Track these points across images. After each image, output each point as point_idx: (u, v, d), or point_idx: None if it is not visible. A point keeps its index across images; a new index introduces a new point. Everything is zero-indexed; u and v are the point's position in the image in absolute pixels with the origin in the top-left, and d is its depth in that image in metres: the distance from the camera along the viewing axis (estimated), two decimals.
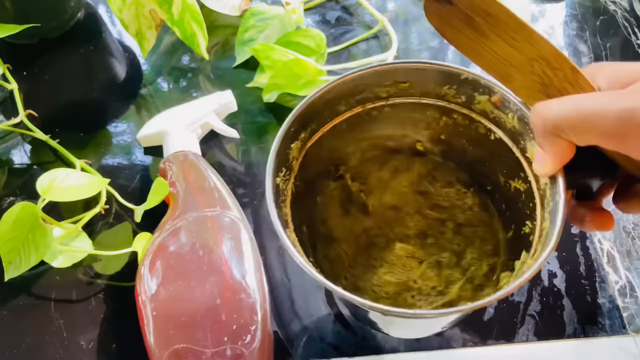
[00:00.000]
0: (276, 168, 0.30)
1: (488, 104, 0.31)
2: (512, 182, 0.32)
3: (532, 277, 0.25)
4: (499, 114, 0.31)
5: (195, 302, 0.34)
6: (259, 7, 0.55)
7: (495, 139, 0.32)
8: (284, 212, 0.30)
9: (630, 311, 0.42)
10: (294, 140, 0.32)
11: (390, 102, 0.34)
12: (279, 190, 0.31)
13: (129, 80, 0.55)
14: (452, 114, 0.34)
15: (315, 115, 0.33)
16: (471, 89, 0.31)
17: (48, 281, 0.42)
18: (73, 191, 0.40)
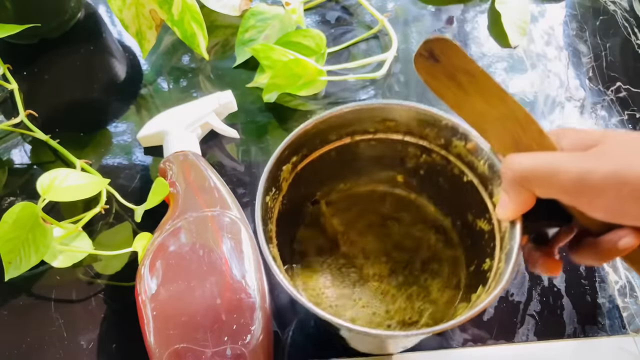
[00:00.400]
0: (267, 187, 0.33)
1: (464, 149, 0.34)
2: (478, 222, 0.35)
3: (484, 309, 0.27)
4: (472, 159, 0.34)
5: (196, 302, 0.34)
6: (259, 7, 0.55)
7: (467, 181, 0.35)
8: (269, 228, 0.33)
9: (630, 311, 0.42)
10: (286, 163, 0.35)
11: (377, 137, 0.37)
12: (267, 208, 0.33)
13: (129, 80, 0.55)
14: (431, 154, 0.37)
15: (307, 142, 0.36)
16: (450, 134, 0.35)
17: (48, 281, 0.42)
18: (73, 191, 0.40)
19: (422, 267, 0.38)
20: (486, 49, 0.59)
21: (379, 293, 0.37)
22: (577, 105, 0.55)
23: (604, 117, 0.54)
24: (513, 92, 0.55)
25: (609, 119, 0.54)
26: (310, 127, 0.34)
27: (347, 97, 0.54)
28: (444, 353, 0.39)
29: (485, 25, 0.61)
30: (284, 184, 0.35)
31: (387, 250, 0.39)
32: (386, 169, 0.40)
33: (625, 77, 0.56)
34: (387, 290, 0.37)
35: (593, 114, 0.54)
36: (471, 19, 0.61)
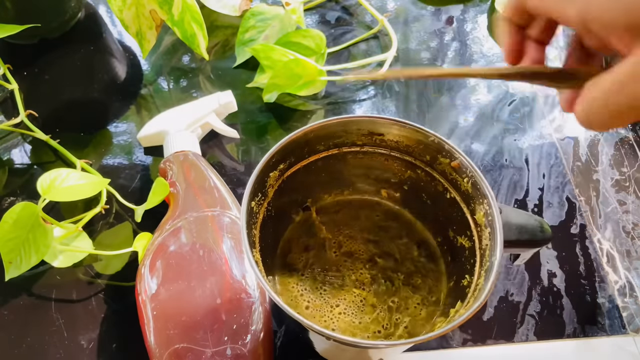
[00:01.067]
0: (254, 192, 0.33)
1: (448, 166, 0.35)
2: (459, 238, 0.36)
3: (461, 323, 0.28)
4: (456, 177, 0.35)
5: (196, 301, 0.34)
6: (259, 8, 0.55)
7: (450, 198, 0.36)
8: (253, 233, 0.33)
9: (630, 311, 0.42)
10: (273, 170, 0.35)
11: (364, 150, 0.38)
12: (252, 213, 0.33)
13: (129, 80, 0.55)
14: (416, 169, 0.38)
15: (295, 150, 0.36)
16: (435, 151, 0.35)
17: (48, 281, 0.42)
18: (73, 191, 0.40)
19: (404, 279, 0.38)
20: (486, 49, 0.59)
21: (359, 301, 0.37)
22: None
23: None
24: (513, 92, 0.55)
25: None
26: (299, 135, 0.35)
27: (347, 97, 0.54)
28: (444, 353, 0.39)
29: (485, 25, 0.61)
30: (270, 190, 0.36)
31: (371, 261, 0.39)
32: (372, 182, 0.40)
33: None
34: (367, 300, 0.37)
35: None
36: (471, 19, 0.61)
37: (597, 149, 0.51)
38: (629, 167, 0.50)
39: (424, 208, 0.39)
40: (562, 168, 0.50)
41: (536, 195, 0.48)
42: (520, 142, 0.51)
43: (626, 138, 0.52)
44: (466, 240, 0.35)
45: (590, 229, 0.46)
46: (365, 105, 0.53)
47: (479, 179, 0.32)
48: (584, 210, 0.47)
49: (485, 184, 0.32)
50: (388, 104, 0.53)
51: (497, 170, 0.49)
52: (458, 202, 0.35)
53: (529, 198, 0.48)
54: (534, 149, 0.51)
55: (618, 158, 0.51)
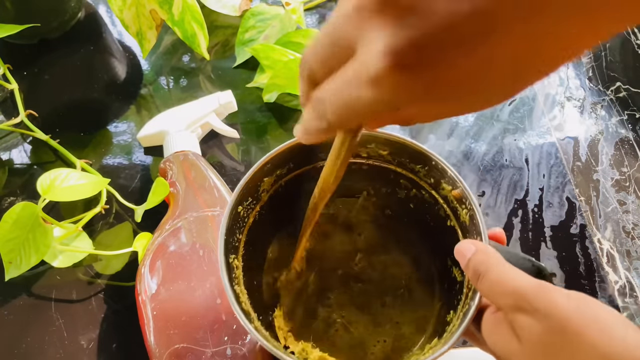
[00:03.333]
0: (241, 197, 0.32)
1: (450, 194, 0.34)
2: (454, 269, 0.34)
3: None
4: (457, 206, 0.34)
5: (196, 302, 0.34)
6: (259, 8, 0.55)
7: (450, 226, 0.34)
8: (236, 238, 0.32)
9: (630, 311, 0.42)
10: (268, 175, 0.34)
11: (369, 162, 0.36)
12: (238, 217, 0.33)
13: (130, 80, 0.55)
14: (421, 190, 0.36)
15: (295, 157, 0.35)
16: (439, 175, 0.34)
17: (48, 281, 0.42)
18: (73, 191, 0.40)
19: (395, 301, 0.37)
20: None
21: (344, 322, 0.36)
22: (577, 105, 0.55)
23: (604, 117, 0.54)
24: None
25: (609, 119, 0.54)
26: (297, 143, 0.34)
27: None
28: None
29: None
30: (264, 194, 0.35)
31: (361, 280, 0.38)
32: (376, 195, 0.39)
33: (625, 77, 0.56)
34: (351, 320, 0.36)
35: (593, 114, 0.54)
36: None
37: (597, 149, 0.51)
38: (629, 167, 0.50)
39: (427, 230, 0.37)
40: (562, 168, 0.50)
41: (536, 195, 0.48)
42: (520, 142, 0.51)
43: (626, 138, 0.52)
44: (459, 273, 0.33)
45: (590, 229, 0.46)
46: None
47: (476, 213, 0.31)
48: (584, 210, 0.47)
49: (480, 221, 0.31)
50: None
51: (497, 170, 0.49)
52: (457, 232, 0.34)
53: (529, 198, 0.48)
54: (534, 149, 0.51)
55: (618, 158, 0.51)
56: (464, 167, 0.49)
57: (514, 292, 0.24)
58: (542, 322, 0.23)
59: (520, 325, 0.24)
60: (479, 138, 0.51)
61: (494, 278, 0.25)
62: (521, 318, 0.24)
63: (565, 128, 0.53)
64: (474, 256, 0.27)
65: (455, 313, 0.32)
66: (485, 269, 0.26)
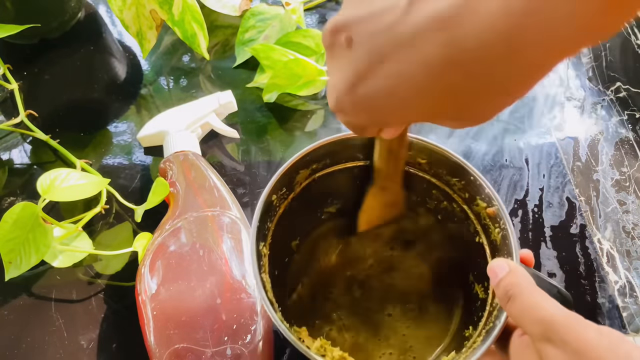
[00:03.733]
0: (277, 186, 0.32)
1: (484, 211, 0.33)
2: (476, 285, 0.34)
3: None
4: (489, 224, 0.33)
5: (196, 301, 0.34)
6: (259, 8, 0.55)
7: (479, 242, 0.34)
8: (267, 226, 0.33)
9: (630, 311, 0.42)
10: (304, 168, 0.34)
11: (407, 169, 0.36)
12: (272, 206, 0.33)
13: (130, 80, 0.55)
14: (452, 203, 0.36)
15: (332, 153, 0.35)
16: (475, 191, 0.34)
17: (48, 281, 0.42)
18: (73, 191, 0.40)
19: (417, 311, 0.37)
20: None
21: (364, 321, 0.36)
22: (577, 105, 0.55)
23: (604, 117, 0.54)
24: None
25: (609, 119, 0.54)
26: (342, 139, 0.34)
27: None
28: None
29: None
30: (297, 186, 0.35)
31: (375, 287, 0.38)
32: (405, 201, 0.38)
33: (625, 77, 0.56)
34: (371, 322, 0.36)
35: (593, 114, 0.54)
36: None
37: (597, 149, 0.51)
38: (629, 167, 0.50)
39: (453, 243, 0.37)
40: (562, 168, 0.50)
41: (536, 195, 0.48)
42: (520, 142, 0.51)
43: (626, 138, 0.52)
44: (482, 290, 0.33)
45: (590, 229, 0.46)
46: None
47: (510, 234, 0.31)
48: (584, 210, 0.47)
49: (514, 241, 0.30)
50: None
51: (497, 170, 0.49)
52: (485, 249, 0.33)
53: (529, 198, 0.48)
54: (534, 149, 0.51)
55: (618, 158, 0.51)
56: None
57: (543, 320, 0.24)
58: (572, 358, 0.22)
59: (548, 356, 0.23)
60: (479, 138, 0.51)
61: (525, 303, 0.25)
62: (550, 350, 0.23)
63: (565, 128, 0.53)
64: (507, 277, 0.27)
65: (476, 330, 0.31)
66: (516, 292, 0.25)
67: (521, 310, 0.25)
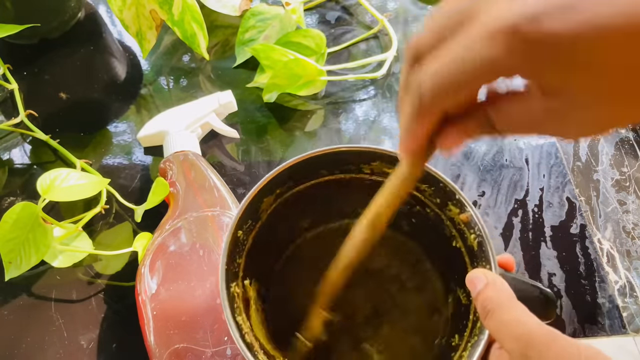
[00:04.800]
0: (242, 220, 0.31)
1: (457, 216, 0.32)
2: (459, 291, 0.33)
3: None
4: (464, 229, 0.32)
5: (196, 301, 0.34)
6: (259, 8, 0.55)
7: (456, 247, 0.33)
8: (236, 263, 0.31)
9: (630, 311, 0.42)
10: (268, 194, 0.33)
11: (372, 178, 0.35)
12: (238, 242, 0.32)
13: (129, 80, 0.55)
14: (425, 208, 0.35)
15: (295, 174, 0.34)
16: (447, 197, 0.33)
17: (48, 281, 0.42)
18: (73, 191, 0.40)
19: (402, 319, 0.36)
20: None
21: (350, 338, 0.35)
22: None
23: None
24: None
25: None
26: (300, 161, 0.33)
27: (347, 97, 0.54)
28: None
29: None
30: (263, 214, 0.34)
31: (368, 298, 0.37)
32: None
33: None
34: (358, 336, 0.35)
35: None
36: None
37: (597, 149, 0.51)
38: (629, 167, 0.50)
39: (431, 246, 0.36)
40: (562, 168, 0.50)
41: (536, 195, 0.48)
42: (520, 142, 0.51)
43: (626, 138, 0.52)
44: (464, 296, 0.32)
45: (590, 229, 0.46)
46: (366, 105, 0.53)
47: (486, 241, 0.30)
48: (584, 210, 0.47)
49: (490, 249, 0.30)
50: (388, 104, 0.53)
51: (497, 170, 0.49)
52: (463, 254, 0.32)
53: (529, 198, 0.48)
54: (534, 149, 0.51)
55: (618, 158, 0.51)
56: (464, 167, 0.49)
57: (521, 337, 0.23)
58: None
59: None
60: None
61: (503, 318, 0.24)
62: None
63: None
64: (484, 290, 0.26)
65: (462, 340, 0.30)
66: (494, 307, 0.25)
67: (499, 326, 0.24)
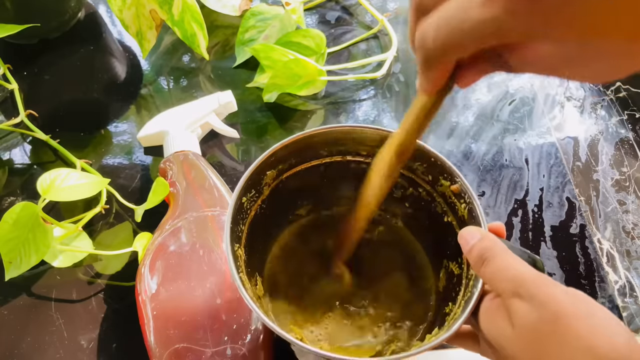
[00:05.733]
0: (246, 188, 0.33)
1: (448, 189, 0.34)
2: (451, 264, 0.35)
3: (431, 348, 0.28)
4: (455, 201, 0.34)
5: (196, 301, 0.34)
6: (259, 7, 0.55)
7: (447, 222, 0.35)
8: (240, 228, 0.33)
9: (630, 311, 0.42)
10: (271, 169, 0.35)
11: (368, 161, 0.37)
12: (243, 208, 0.33)
13: (129, 80, 0.55)
14: (418, 188, 0.37)
15: (297, 152, 0.36)
16: (438, 171, 0.35)
17: (48, 281, 0.42)
18: (73, 191, 0.40)
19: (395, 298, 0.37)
20: None
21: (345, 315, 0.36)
22: (577, 105, 0.55)
23: (604, 117, 0.54)
24: (513, 92, 0.55)
25: (609, 119, 0.54)
26: (301, 138, 0.35)
27: (347, 97, 0.54)
28: (444, 353, 0.39)
29: None
30: (266, 188, 0.36)
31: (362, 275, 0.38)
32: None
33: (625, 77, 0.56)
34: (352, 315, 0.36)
35: (593, 114, 0.54)
36: None
37: (597, 149, 0.51)
38: (629, 167, 0.50)
39: (422, 228, 0.38)
40: (562, 168, 0.50)
41: (536, 195, 0.48)
42: (520, 142, 0.51)
43: (626, 138, 0.52)
44: (457, 267, 0.34)
45: (590, 229, 0.46)
46: (366, 105, 0.53)
47: (476, 206, 0.32)
48: (584, 210, 0.47)
49: (480, 213, 0.31)
50: (388, 104, 0.53)
51: (497, 170, 0.49)
52: (454, 227, 0.34)
53: (529, 198, 0.48)
54: (534, 149, 0.51)
55: (618, 158, 0.51)
56: (464, 167, 0.49)
57: (514, 278, 0.25)
58: (537, 309, 0.24)
59: (516, 310, 0.24)
60: (479, 138, 0.51)
61: (498, 264, 0.26)
62: (518, 304, 0.24)
63: (565, 128, 0.53)
64: (480, 242, 0.28)
65: (455, 304, 0.32)
66: (490, 255, 0.27)
67: (495, 271, 0.26)
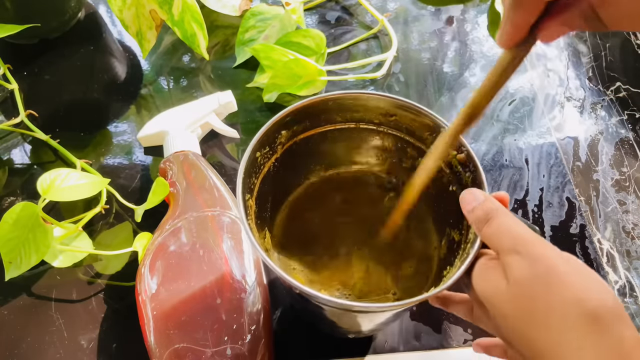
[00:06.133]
0: (261, 143, 0.34)
1: (455, 159, 0.35)
2: (452, 232, 0.36)
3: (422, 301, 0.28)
4: (460, 170, 0.35)
5: (196, 301, 0.34)
6: (259, 8, 0.55)
7: (452, 191, 0.36)
8: (252, 180, 0.34)
9: (630, 311, 0.42)
10: (286, 129, 0.36)
11: (380, 129, 0.38)
12: (256, 163, 0.34)
13: (130, 80, 0.55)
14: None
15: (312, 116, 0.37)
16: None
17: (48, 281, 0.42)
18: (73, 191, 0.40)
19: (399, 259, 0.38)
20: (486, 49, 0.59)
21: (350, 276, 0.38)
22: (577, 105, 0.55)
23: (604, 117, 0.54)
24: (513, 92, 0.55)
25: (609, 119, 0.54)
26: (319, 101, 0.35)
27: None
28: (444, 353, 0.39)
29: (485, 25, 0.61)
30: (280, 148, 0.36)
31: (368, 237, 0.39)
32: (384, 162, 0.40)
33: (625, 77, 0.57)
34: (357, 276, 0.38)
35: (593, 114, 0.54)
36: (471, 19, 0.61)
37: (597, 149, 0.51)
38: (629, 167, 0.50)
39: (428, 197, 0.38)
40: (562, 168, 0.50)
41: (536, 195, 0.48)
42: (520, 142, 0.51)
43: (626, 138, 0.52)
44: (457, 233, 0.35)
45: (590, 229, 0.46)
46: None
47: (479, 174, 0.33)
48: (584, 210, 0.47)
49: (484, 180, 0.32)
50: None
51: (497, 170, 0.49)
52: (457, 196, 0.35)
53: (529, 198, 0.48)
54: (534, 149, 0.51)
55: (618, 158, 0.51)
56: None
57: (516, 236, 0.26)
58: (532, 264, 0.25)
59: (511, 265, 0.26)
60: (479, 138, 0.52)
61: (501, 223, 0.27)
62: (514, 259, 0.26)
63: (565, 128, 0.53)
64: (484, 203, 0.29)
65: (454, 265, 0.33)
66: (494, 215, 0.28)
67: (497, 229, 0.27)
